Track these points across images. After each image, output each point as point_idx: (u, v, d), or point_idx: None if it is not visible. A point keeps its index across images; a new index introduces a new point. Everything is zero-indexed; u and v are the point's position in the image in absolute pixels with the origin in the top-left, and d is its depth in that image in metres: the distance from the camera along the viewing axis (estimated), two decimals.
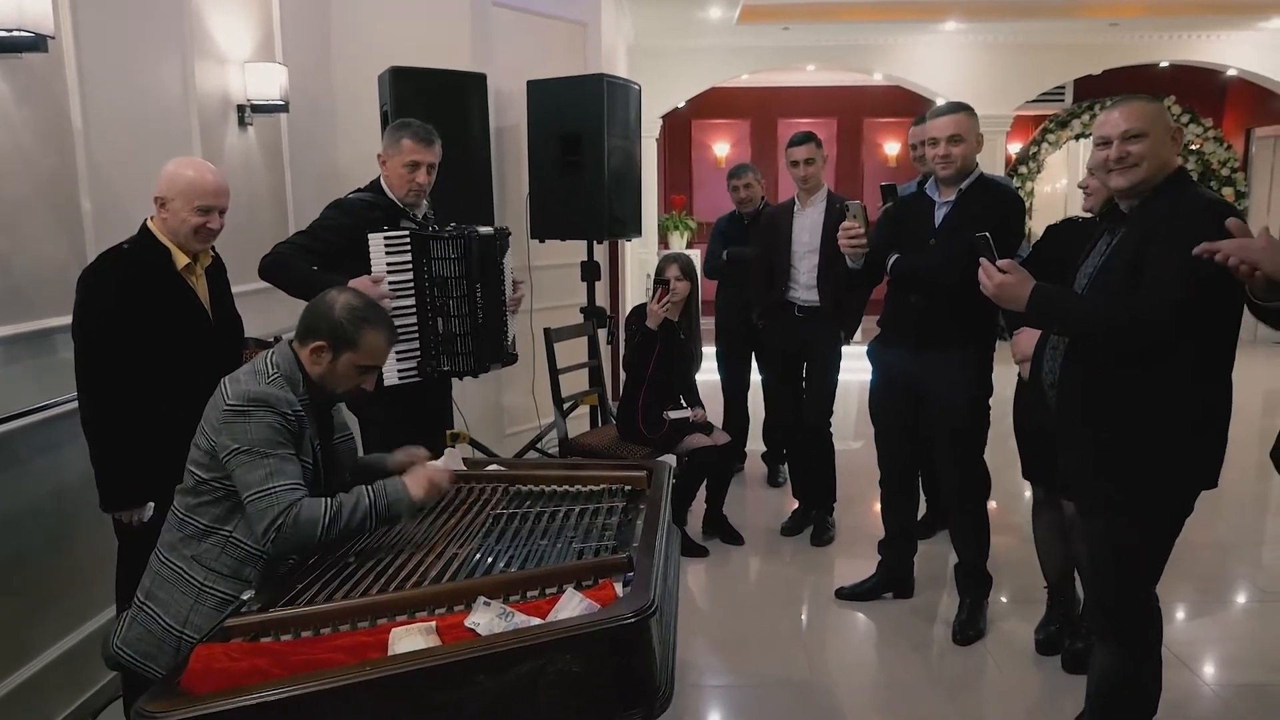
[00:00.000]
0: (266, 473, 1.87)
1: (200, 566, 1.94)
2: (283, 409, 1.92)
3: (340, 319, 2.00)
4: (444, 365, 3.07)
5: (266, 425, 1.90)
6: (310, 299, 2.90)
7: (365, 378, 2.09)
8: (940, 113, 3.10)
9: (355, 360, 2.03)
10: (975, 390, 3.15)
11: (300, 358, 2.03)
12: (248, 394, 1.91)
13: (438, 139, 3.06)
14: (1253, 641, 3.27)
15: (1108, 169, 2.18)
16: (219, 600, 1.91)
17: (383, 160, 3.06)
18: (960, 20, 8.31)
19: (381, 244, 2.92)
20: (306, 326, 2.04)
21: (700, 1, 7.22)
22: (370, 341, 2.03)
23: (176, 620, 1.91)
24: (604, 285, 5.09)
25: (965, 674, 3.06)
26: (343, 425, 2.26)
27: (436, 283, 3.01)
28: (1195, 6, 7.82)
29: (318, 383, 2.04)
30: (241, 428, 1.89)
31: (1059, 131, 9.60)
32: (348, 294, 2.07)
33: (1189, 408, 2.11)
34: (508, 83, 4.67)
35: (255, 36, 3.85)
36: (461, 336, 3.07)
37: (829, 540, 4.16)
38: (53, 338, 2.62)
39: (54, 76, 2.67)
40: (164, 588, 1.95)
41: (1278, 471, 2.17)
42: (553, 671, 1.49)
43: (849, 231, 3.08)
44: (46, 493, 2.63)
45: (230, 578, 1.93)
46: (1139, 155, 2.13)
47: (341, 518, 1.90)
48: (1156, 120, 2.14)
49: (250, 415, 1.89)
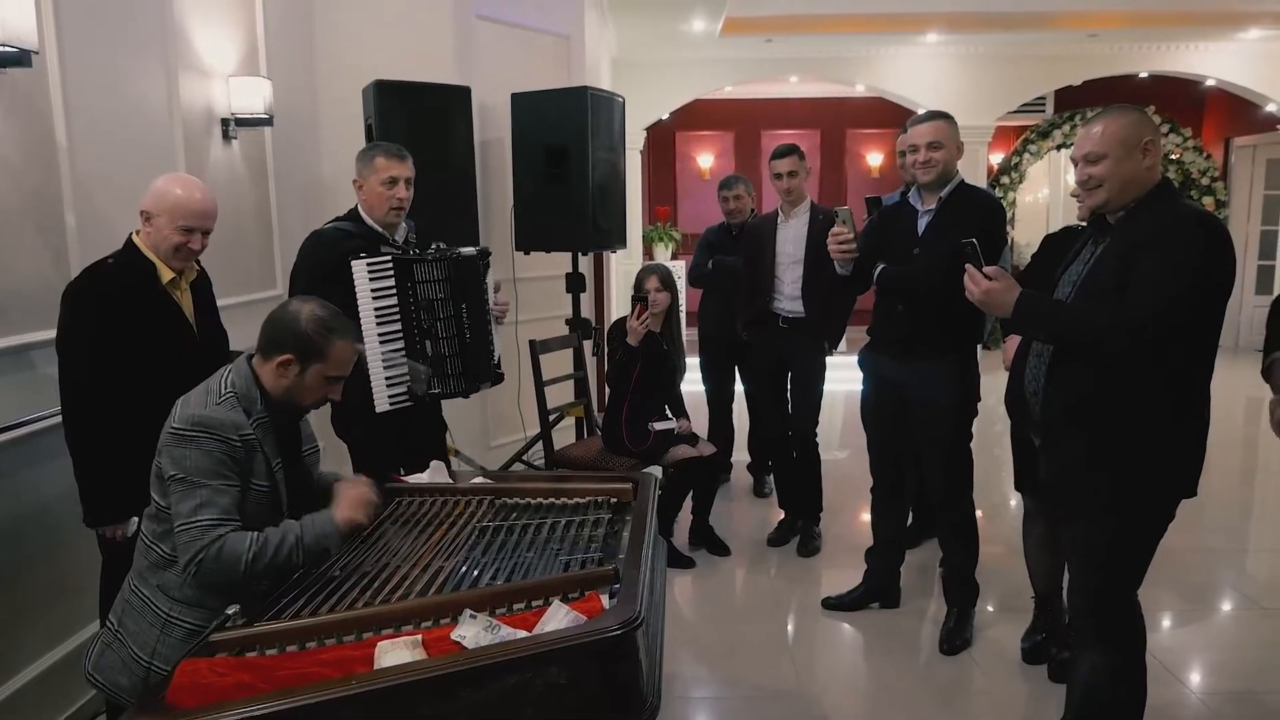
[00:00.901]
0: (197, 504, 1.83)
1: (165, 596, 1.91)
2: (227, 434, 1.88)
3: (307, 330, 1.96)
4: (434, 388, 3.04)
5: (206, 453, 1.86)
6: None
7: (332, 388, 2.05)
8: (920, 120, 3.14)
9: (324, 371, 2.00)
10: (961, 395, 3.17)
11: (261, 374, 1.99)
12: (193, 417, 1.88)
13: (409, 155, 3.06)
14: (1237, 649, 3.29)
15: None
16: (186, 631, 1.87)
17: (359, 185, 3.03)
18: (941, 32, 8.39)
19: (365, 271, 2.89)
20: (270, 339, 1.99)
21: (683, 14, 7.26)
22: (339, 352, 2.00)
23: (144, 651, 1.88)
24: (589, 297, 5.09)
25: (952, 683, 3.07)
26: (309, 438, 2.22)
27: (423, 305, 2.98)
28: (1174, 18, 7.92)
29: (282, 397, 2.00)
30: (181, 453, 1.86)
31: (1040, 142, 9.69)
32: (311, 304, 2.03)
33: (1167, 414, 2.15)
34: (491, 96, 4.69)
35: (239, 50, 3.85)
36: (450, 358, 3.05)
37: (815, 551, 4.17)
38: (35, 352, 2.61)
39: (38, 91, 2.66)
40: (132, 616, 1.92)
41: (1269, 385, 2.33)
42: (540, 684, 1.49)
43: (839, 237, 3.10)
44: (29, 508, 2.61)
45: (196, 607, 1.89)
46: (1099, 177, 2.18)
47: (266, 554, 1.84)
48: (1118, 140, 2.17)
49: (191, 441, 1.86)
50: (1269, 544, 4.45)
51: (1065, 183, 10.81)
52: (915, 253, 3.11)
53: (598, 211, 4.33)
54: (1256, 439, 6.27)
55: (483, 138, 4.65)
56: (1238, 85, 8.95)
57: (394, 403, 2.98)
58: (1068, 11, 7.74)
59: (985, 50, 8.93)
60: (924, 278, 3.05)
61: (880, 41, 8.74)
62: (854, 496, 4.70)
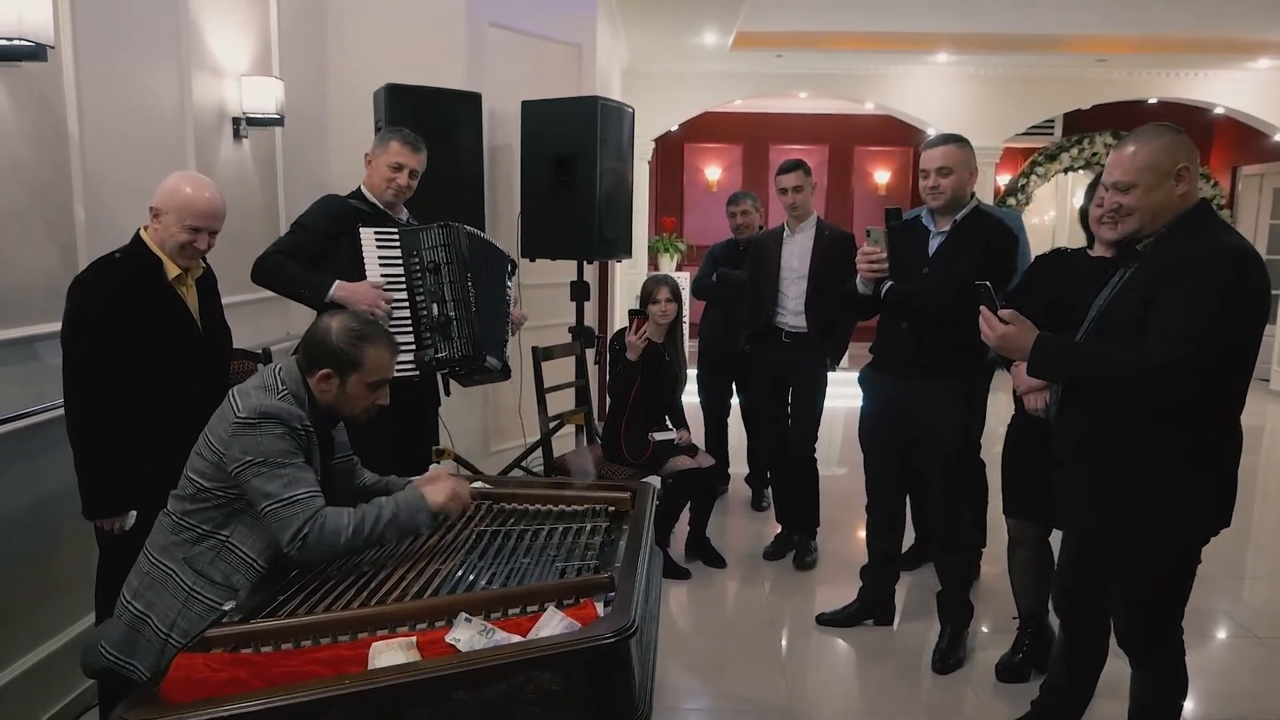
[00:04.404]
0: (285, 481, 1.90)
1: (191, 570, 1.94)
2: (294, 423, 1.95)
3: (339, 344, 2.03)
4: (440, 352, 3.06)
5: (278, 437, 1.92)
6: (302, 298, 2.90)
7: (377, 394, 2.11)
8: (932, 144, 3.10)
9: (363, 379, 2.06)
10: (964, 420, 3.17)
11: (309, 385, 2.06)
12: (259, 408, 1.94)
13: (424, 149, 3.16)
14: (1231, 677, 3.28)
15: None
16: (205, 607, 1.90)
17: (369, 160, 3.14)
18: (951, 52, 8.42)
19: (373, 238, 3.00)
20: (309, 357, 2.06)
21: (695, 27, 7.30)
22: (373, 358, 2.06)
23: (164, 623, 1.91)
24: (593, 305, 5.10)
25: (944, 702, 3.07)
26: (343, 445, 2.29)
27: (429, 269, 3.05)
28: (1184, 45, 7.95)
29: (331, 409, 2.08)
30: (253, 441, 1.91)
31: (1048, 164, 9.71)
32: (340, 317, 2.09)
33: (1176, 456, 2.09)
34: (502, 103, 4.71)
35: (252, 50, 3.88)
36: (457, 320, 3.07)
37: (811, 564, 4.17)
38: (40, 344, 2.62)
39: (52, 86, 2.68)
40: (153, 588, 1.95)
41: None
42: (532, 689, 1.49)
43: (870, 256, 3.06)
44: (28, 500, 2.62)
45: (220, 585, 1.93)
46: (1129, 207, 2.09)
47: (365, 528, 1.93)
48: (1150, 167, 2.06)
49: (261, 428, 1.92)
50: (1264, 571, 4.44)
51: (1071, 205, 10.83)
52: (925, 272, 3.10)
53: (604, 220, 4.34)
54: (1255, 467, 6.26)
55: (492, 144, 4.67)
56: (1246, 114, 8.97)
57: (400, 370, 3.00)
58: (1078, 36, 7.78)
59: (995, 72, 8.96)
60: (931, 303, 3.04)
61: (890, 60, 8.77)
62: (851, 513, 4.70)
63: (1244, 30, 7.46)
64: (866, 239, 3.10)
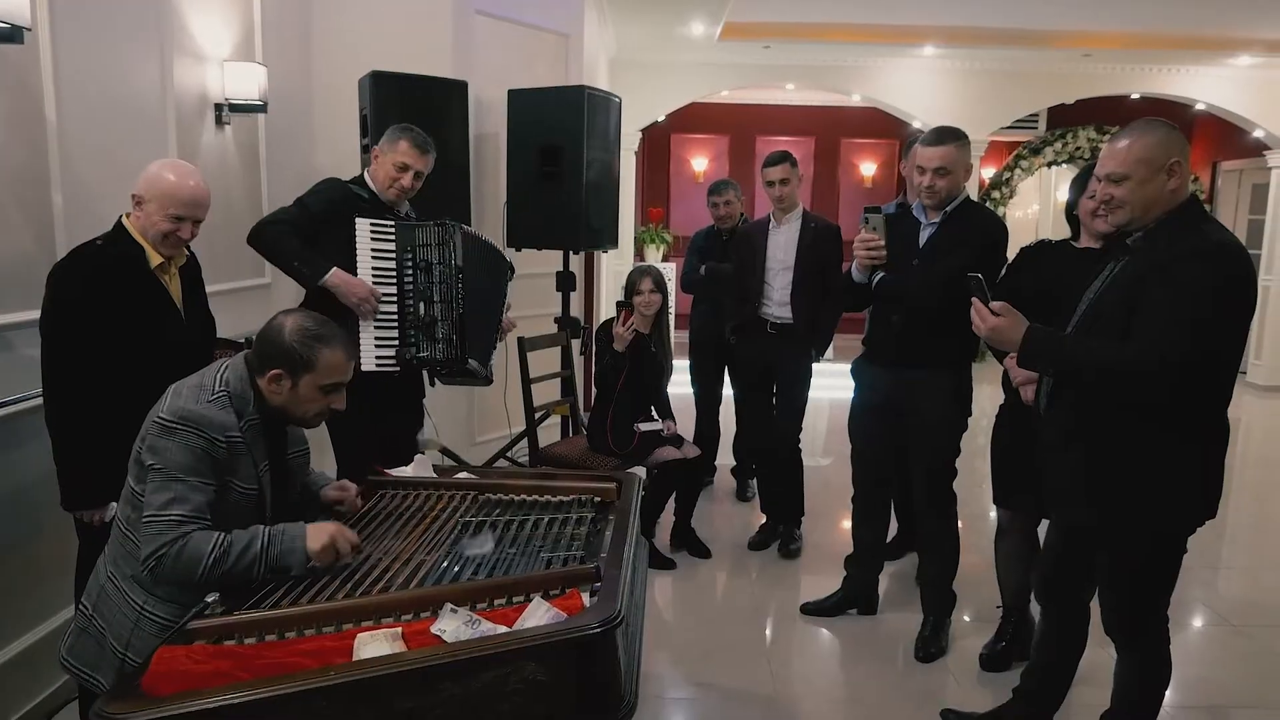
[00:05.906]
0: (169, 498, 1.80)
1: (140, 589, 1.87)
2: (212, 434, 1.85)
3: (291, 343, 1.93)
4: (422, 351, 3.04)
5: (188, 449, 1.83)
6: (294, 273, 2.81)
7: (332, 397, 2.01)
8: (930, 142, 3.04)
9: (316, 381, 1.96)
10: (952, 409, 3.18)
11: (260, 386, 1.96)
12: (181, 411, 1.85)
13: (433, 152, 3.13)
14: (1208, 665, 3.32)
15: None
16: (159, 626, 1.82)
17: (376, 155, 3.11)
18: (938, 45, 8.42)
19: (368, 229, 2.97)
20: (260, 356, 1.96)
21: (683, 17, 7.27)
22: (327, 360, 1.96)
23: (119, 642, 1.85)
24: (579, 296, 5.09)
25: (927, 690, 3.09)
26: (298, 439, 2.19)
27: (420, 268, 3.02)
28: (1166, 41, 7.99)
29: (281, 410, 1.98)
30: (164, 444, 1.83)
31: (1032, 158, 9.76)
32: (296, 316, 2.00)
33: (1182, 441, 2.12)
34: (488, 91, 4.68)
35: (235, 35, 3.83)
36: (442, 322, 3.05)
37: (796, 553, 4.18)
38: (14, 333, 2.58)
39: (29, 68, 2.64)
40: (108, 604, 1.89)
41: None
42: (518, 679, 1.49)
43: (869, 243, 3.04)
44: (6, 490, 2.59)
45: (168, 602, 1.84)
46: (1121, 199, 2.11)
47: (228, 559, 1.79)
48: (1142, 161, 2.07)
49: (175, 434, 1.83)
50: (1240, 562, 4.49)
51: (1055, 199, 10.89)
52: (915, 263, 3.10)
53: (590, 211, 4.33)
54: (1232, 460, 6.31)
55: (478, 132, 4.65)
56: (1226, 110, 9.03)
57: (380, 364, 2.99)
58: (1064, 30, 7.80)
59: (981, 65, 8.97)
60: (920, 294, 3.04)
61: (877, 52, 8.77)
62: (835, 503, 4.72)
63: (1226, 27, 7.50)
64: (864, 225, 3.07)
